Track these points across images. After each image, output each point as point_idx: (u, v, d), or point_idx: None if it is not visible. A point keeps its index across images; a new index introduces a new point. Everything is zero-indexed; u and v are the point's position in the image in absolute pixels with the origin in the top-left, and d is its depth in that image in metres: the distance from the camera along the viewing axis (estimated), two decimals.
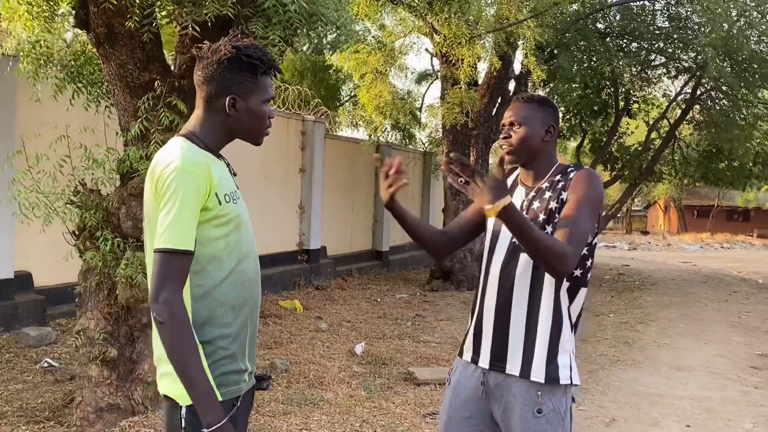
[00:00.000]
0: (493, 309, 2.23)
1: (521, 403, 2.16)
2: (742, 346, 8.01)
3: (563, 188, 2.21)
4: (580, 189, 2.17)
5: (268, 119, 1.93)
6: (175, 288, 1.69)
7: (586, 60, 12.56)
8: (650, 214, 53.10)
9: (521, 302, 2.18)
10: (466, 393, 2.29)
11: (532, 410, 2.14)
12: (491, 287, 2.25)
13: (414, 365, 6.20)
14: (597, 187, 2.18)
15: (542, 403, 2.14)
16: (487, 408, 2.27)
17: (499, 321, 2.22)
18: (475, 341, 2.29)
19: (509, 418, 2.19)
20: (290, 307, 8.89)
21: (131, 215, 4.22)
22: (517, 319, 2.19)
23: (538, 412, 2.14)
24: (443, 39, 8.03)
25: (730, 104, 13.55)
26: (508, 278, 2.21)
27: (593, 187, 2.17)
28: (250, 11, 3.86)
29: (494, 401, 2.24)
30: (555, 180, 2.26)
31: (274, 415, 4.67)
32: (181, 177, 1.71)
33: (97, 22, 4.10)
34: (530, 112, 2.27)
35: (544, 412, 2.14)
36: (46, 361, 5.65)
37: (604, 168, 15.67)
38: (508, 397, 2.19)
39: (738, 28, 11.49)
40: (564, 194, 2.19)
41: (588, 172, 2.22)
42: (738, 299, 12.34)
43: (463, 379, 2.31)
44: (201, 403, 1.70)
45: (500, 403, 2.22)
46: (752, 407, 5.52)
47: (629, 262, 20.49)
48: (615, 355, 7.20)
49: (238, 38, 1.88)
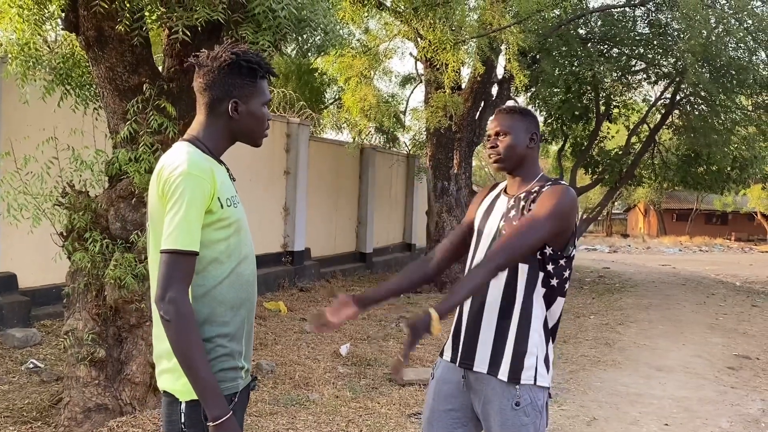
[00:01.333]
0: (467, 309, 2.35)
1: (500, 396, 2.26)
2: (719, 347, 8.16)
3: (534, 200, 2.31)
4: (545, 200, 2.26)
5: (267, 121, 2.02)
6: (182, 287, 1.76)
7: (567, 65, 12.71)
8: (630, 218, 53.62)
9: (494, 303, 2.29)
10: (448, 387, 2.40)
11: (510, 403, 2.24)
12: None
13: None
14: (563, 202, 2.24)
15: (520, 396, 2.25)
16: (469, 401, 2.37)
17: (471, 321, 2.33)
18: (453, 341, 2.41)
19: (488, 410, 2.29)
20: (275, 308, 8.92)
21: (120, 217, 4.25)
22: (489, 319, 2.29)
23: (516, 405, 2.24)
24: (428, 44, 8.11)
25: (708, 109, 13.76)
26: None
27: (559, 201, 2.24)
28: (240, 17, 3.91)
29: (474, 395, 2.34)
30: (535, 191, 2.36)
31: (260, 415, 4.72)
32: (187, 181, 1.78)
33: (86, 25, 4.13)
34: (514, 121, 2.39)
35: (522, 405, 2.24)
36: (32, 362, 5.64)
37: (585, 172, 15.85)
38: (486, 390, 2.30)
39: (716, 35, 11.69)
40: (533, 205, 2.29)
41: (561, 187, 2.30)
42: (716, 301, 12.54)
43: (446, 375, 2.42)
44: (207, 397, 1.77)
45: (480, 396, 2.32)
46: (729, 406, 5.65)
47: (610, 264, 20.71)
48: (595, 355, 7.31)
49: (235, 45, 1.96)
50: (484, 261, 2.24)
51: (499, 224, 2.36)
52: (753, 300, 12.91)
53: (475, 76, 11.29)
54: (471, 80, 11.72)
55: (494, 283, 2.28)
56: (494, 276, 2.21)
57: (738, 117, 13.90)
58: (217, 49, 1.92)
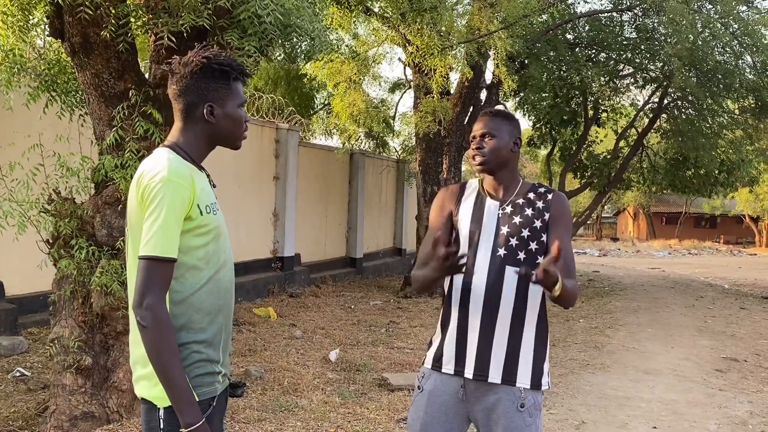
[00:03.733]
0: (478, 322, 2.30)
1: (505, 399, 2.28)
2: (707, 349, 8.20)
3: (545, 209, 2.36)
4: (566, 221, 2.39)
5: (245, 123, 2.01)
6: (159, 294, 1.76)
7: (555, 70, 12.77)
8: (620, 221, 53.88)
9: (507, 315, 2.29)
10: (443, 399, 2.36)
11: (516, 405, 2.27)
12: (475, 301, 2.31)
13: (388, 371, 6.26)
14: (571, 215, 2.47)
15: (525, 398, 2.28)
16: (464, 410, 2.35)
17: (483, 333, 2.30)
18: (458, 354, 2.34)
19: (492, 416, 2.29)
20: (264, 314, 8.90)
21: (106, 223, 4.23)
22: (502, 330, 2.29)
23: (521, 407, 2.28)
24: (416, 49, 8.13)
25: (695, 113, 13.87)
26: (495, 292, 2.29)
27: (571, 217, 2.45)
28: (226, 22, 3.91)
29: (475, 401, 2.33)
30: (531, 198, 2.39)
31: (249, 422, 4.70)
32: (167, 187, 1.78)
33: (72, 31, 4.12)
34: (498, 124, 2.40)
35: (527, 407, 2.28)
36: (18, 370, 5.60)
37: (574, 176, 15.92)
38: (489, 395, 2.30)
39: (703, 40, 11.79)
40: (546, 215, 2.35)
41: (565, 200, 2.43)
42: (704, 304, 12.60)
43: (440, 386, 2.37)
44: (180, 404, 1.77)
45: (482, 403, 2.31)
46: (717, 409, 5.67)
47: (599, 268, 20.78)
48: (584, 359, 7.33)
49: (206, 49, 1.96)
50: (575, 286, 2.30)
51: (500, 230, 2.34)
52: (741, 303, 12.98)
53: (464, 81, 11.34)
54: (460, 85, 11.76)
55: (505, 293, 2.28)
56: (571, 300, 2.28)
57: (725, 121, 14.01)
58: (189, 54, 1.92)
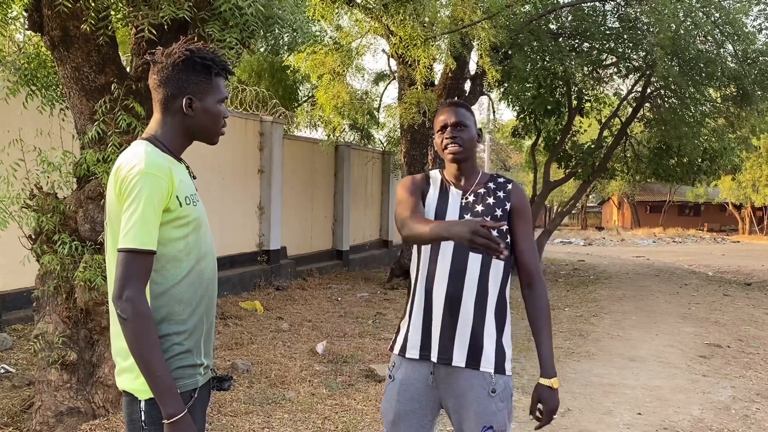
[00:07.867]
0: (442, 307, 2.32)
1: (476, 385, 2.28)
2: (691, 336, 8.29)
3: (506, 199, 2.40)
4: (528, 212, 2.44)
5: (223, 119, 2.01)
6: (139, 286, 1.75)
7: (539, 60, 12.78)
8: (604, 210, 54.19)
9: (470, 299, 2.30)
10: (414, 387, 2.36)
11: (487, 391, 2.28)
12: (439, 286, 2.33)
13: (375, 362, 6.28)
14: (529, 205, 2.51)
15: (495, 384, 2.29)
16: (435, 397, 2.36)
17: (446, 317, 2.31)
18: (423, 338, 2.36)
19: (462, 402, 2.29)
20: (251, 308, 8.88)
21: (89, 218, 4.21)
22: (466, 314, 2.30)
23: (492, 392, 2.28)
24: (399, 40, 8.11)
25: (678, 102, 13.93)
26: (458, 277, 2.31)
27: (530, 207, 2.49)
28: (207, 14, 3.89)
29: (446, 389, 2.33)
30: (491, 188, 2.43)
31: (236, 414, 4.70)
32: (144, 180, 1.77)
33: (51, 24, 4.08)
34: (466, 115, 2.44)
35: (498, 392, 2.29)
36: (3, 366, 5.57)
37: (559, 166, 15.96)
38: (460, 381, 2.30)
39: (685, 29, 11.82)
40: (507, 204, 2.40)
41: (524, 192, 2.49)
42: (688, 291, 12.73)
43: (410, 374, 2.37)
44: (162, 396, 1.77)
45: (452, 390, 2.32)
46: (700, 394, 5.74)
47: (584, 257, 20.93)
48: (570, 347, 7.39)
49: (190, 42, 1.95)
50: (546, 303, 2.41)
51: (464, 217, 2.37)
52: (725, 290, 13.13)
53: (448, 72, 11.33)
54: (444, 76, 11.75)
55: (468, 278, 2.30)
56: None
57: (707, 109, 14.09)
58: (173, 46, 1.92)
